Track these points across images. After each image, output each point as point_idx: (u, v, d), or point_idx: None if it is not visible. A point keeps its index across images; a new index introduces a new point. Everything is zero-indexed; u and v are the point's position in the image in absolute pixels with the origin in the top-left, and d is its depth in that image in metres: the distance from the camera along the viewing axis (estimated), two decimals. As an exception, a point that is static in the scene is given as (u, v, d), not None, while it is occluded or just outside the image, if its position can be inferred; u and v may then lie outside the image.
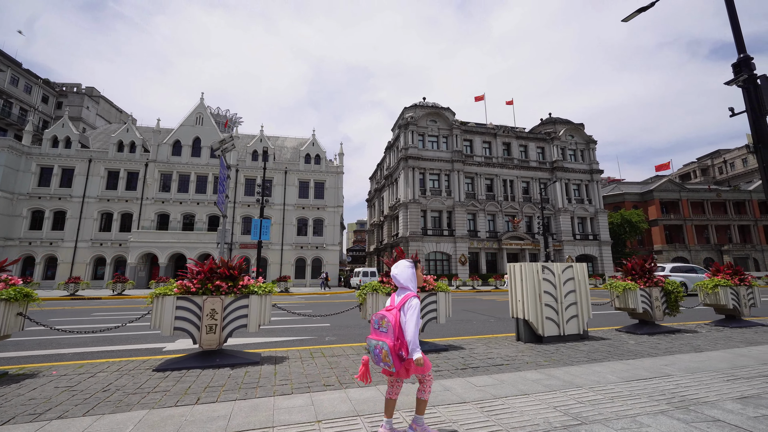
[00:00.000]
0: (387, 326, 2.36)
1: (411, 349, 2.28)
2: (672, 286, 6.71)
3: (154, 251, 32.97)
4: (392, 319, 2.35)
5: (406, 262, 2.63)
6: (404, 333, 2.33)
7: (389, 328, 2.34)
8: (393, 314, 2.38)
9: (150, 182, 35.87)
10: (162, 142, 36.87)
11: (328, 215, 40.24)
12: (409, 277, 2.55)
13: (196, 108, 38.92)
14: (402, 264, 2.61)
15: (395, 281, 2.57)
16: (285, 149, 45.17)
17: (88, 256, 33.25)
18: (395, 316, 2.37)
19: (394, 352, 2.30)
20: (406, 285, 2.52)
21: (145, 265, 34.35)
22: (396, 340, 2.31)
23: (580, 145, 47.42)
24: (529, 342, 5.63)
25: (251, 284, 4.83)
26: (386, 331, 2.35)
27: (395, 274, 2.57)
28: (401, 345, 2.32)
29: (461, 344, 5.64)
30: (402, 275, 2.54)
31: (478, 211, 42.14)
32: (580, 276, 6.06)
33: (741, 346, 5.34)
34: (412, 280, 2.55)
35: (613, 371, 4.03)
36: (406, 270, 2.57)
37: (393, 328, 2.33)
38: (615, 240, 46.33)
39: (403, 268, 2.58)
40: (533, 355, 4.81)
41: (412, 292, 2.50)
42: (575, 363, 4.41)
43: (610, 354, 4.90)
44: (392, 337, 2.32)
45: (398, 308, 2.41)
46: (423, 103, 45.32)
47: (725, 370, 4.06)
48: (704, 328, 7.20)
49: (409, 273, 2.56)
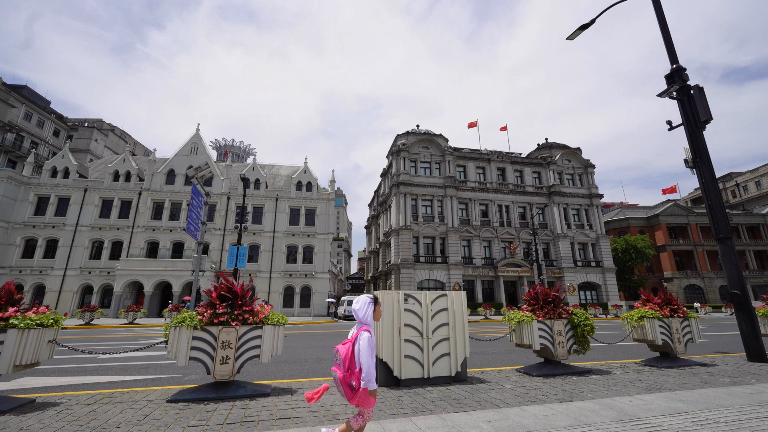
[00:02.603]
0: (339, 359, 2.55)
1: (365, 381, 2.42)
2: (579, 318, 5.82)
3: (140, 279, 32.87)
4: (343, 352, 2.53)
5: (367, 298, 2.71)
6: (360, 365, 2.45)
7: (341, 361, 2.53)
8: (346, 347, 2.55)
9: (142, 210, 36.45)
10: (156, 171, 37.80)
11: (318, 242, 39.82)
12: (368, 314, 2.64)
13: (192, 138, 40.11)
14: (362, 299, 2.69)
15: (354, 314, 2.67)
16: (279, 177, 45.71)
17: (76, 284, 33.38)
18: (347, 349, 2.53)
19: (344, 382, 2.48)
20: (364, 320, 2.63)
21: (131, 294, 34.20)
22: (346, 371, 2.49)
23: (577, 169, 46.47)
24: (384, 386, 4.81)
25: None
26: (339, 364, 2.55)
27: (355, 309, 2.66)
28: (351, 376, 2.47)
29: (291, 388, 4.85)
30: (360, 310, 2.65)
31: (472, 237, 41.06)
32: (456, 306, 5.29)
33: (627, 395, 4.43)
34: (369, 317, 2.64)
35: (430, 427, 3.24)
36: (366, 307, 2.66)
37: (343, 361, 2.51)
38: (620, 267, 44.13)
39: (362, 304, 2.67)
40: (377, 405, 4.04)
41: (366, 326, 2.60)
42: (392, 416, 3.63)
43: (459, 403, 4.08)
44: (342, 369, 2.51)
45: (351, 341, 2.57)
46: (415, 130, 45.67)
47: (563, 427, 3.22)
48: (627, 368, 6.18)
49: (368, 310, 2.65)
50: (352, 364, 2.49)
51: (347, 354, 2.51)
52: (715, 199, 7.74)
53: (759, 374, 5.66)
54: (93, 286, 33.71)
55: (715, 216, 7.68)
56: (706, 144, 8.10)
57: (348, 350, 2.54)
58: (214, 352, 4.23)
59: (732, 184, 62.69)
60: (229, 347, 4.27)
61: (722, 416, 3.55)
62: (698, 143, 8.08)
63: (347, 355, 2.51)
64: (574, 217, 44.42)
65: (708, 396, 4.30)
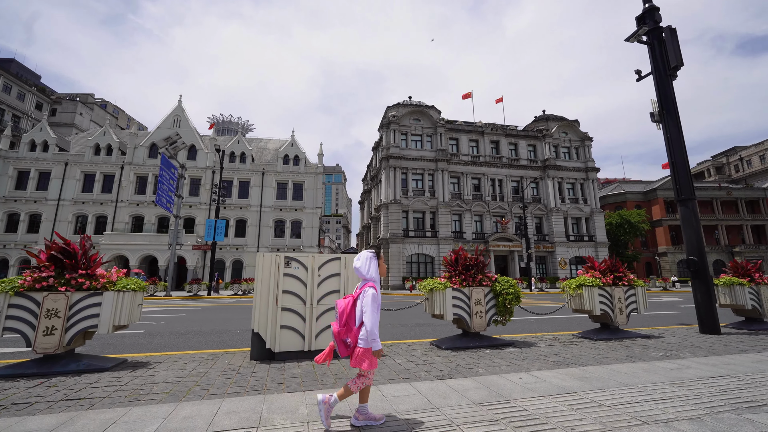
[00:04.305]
0: (337, 313, 2.44)
1: (368, 340, 2.27)
2: (502, 286, 5.15)
3: (126, 254, 32.65)
4: (341, 306, 2.42)
5: (368, 253, 2.58)
6: (363, 323, 2.31)
7: (338, 315, 2.43)
8: (345, 302, 2.43)
9: (125, 184, 35.79)
10: (138, 145, 36.84)
11: (306, 217, 39.25)
12: (372, 269, 2.50)
13: (174, 110, 38.82)
14: (363, 255, 2.55)
15: (357, 273, 2.52)
16: (267, 151, 44.61)
17: (61, 258, 33.24)
18: (347, 304, 2.41)
19: (339, 338, 2.37)
20: (368, 276, 2.48)
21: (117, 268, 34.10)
22: (342, 327, 2.37)
23: (574, 142, 44.94)
24: (257, 359, 4.22)
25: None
26: (336, 318, 2.44)
27: (356, 266, 2.51)
28: (347, 332, 2.35)
29: (150, 362, 4.26)
30: (363, 267, 2.50)
31: (464, 212, 40.30)
32: (349, 271, 4.62)
33: (526, 371, 3.82)
34: (374, 272, 2.51)
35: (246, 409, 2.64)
36: (368, 262, 2.51)
37: (340, 315, 2.40)
38: (614, 241, 43.47)
39: (364, 260, 2.52)
40: (221, 382, 3.45)
41: (370, 282, 2.45)
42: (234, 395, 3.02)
43: (320, 379, 3.48)
44: (339, 323, 2.40)
45: (354, 297, 2.44)
46: (407, 102, 43.95)
47: (406, 411, 2.60)
48: (558, 340, 5.57)
49: (372, 265, 2.51)
50: (350, 319, 2.37)
51: (345, 309, 2.39)
52: (679, 157, 6.89)
53: (701, 347, 5.04)
54: (79, 261, 33.57)
55: (678, 175, 6.86)
56: (675, 95, 7.14)
57: (347, 305, 2.41)
58: (36, 321, 3.62)
59: (736, 158, 60.85)
60: (57, 316, 3.65)
61: (613, 397, 2.91)
62: (666, 93, 7.14)
63: (345, 309, 2.39)
64: (569, 191, 43.35)
65: (618, 372, 3.68)
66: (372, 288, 2.39)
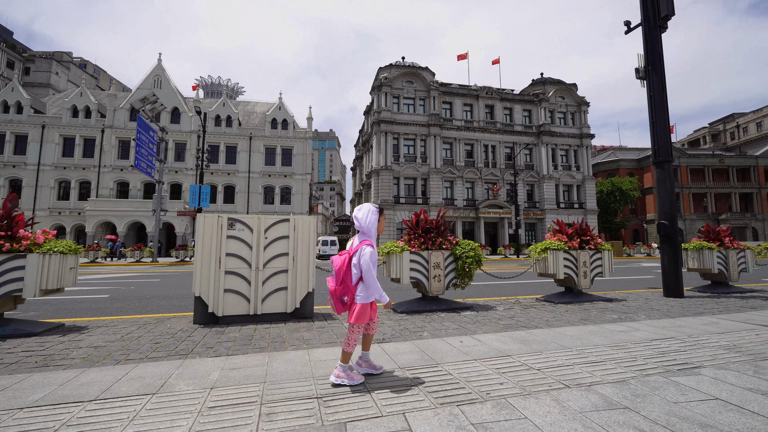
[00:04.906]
0: (333, 270, 2.36)
1: (367, 296, 2.30)
2: (463, 249, 5.00)
3: (112, 220, 32.27)
4: (337, 264, 2.33)
5: (372, 206, 2.47)
6: (361, 280, 2.32)
7: (334, 272, 2.35)
8: (341, 258, 2.35)
9: (107, 149, 34.69)
10: (118, 107, 35.29)
11: (296, 183, 38.74)
12: (371, 222, 2.42)
13: (154, 70, 36.85)
14: (366, 207, 2.44)
15: (355, 222, 2.43)
16: (254, 114, 43.10)
17: (47, 225, 32.77)
18: (343, 261, 2.33)
19: (335, 296, 2.32)
20: (366, 228, 2.41)
21: (104, 235, 33.84)
22: (338, 285, 2.31)
23: (571, 107, 43.82)
24: (200, 323, 4.09)
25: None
26: (332, 275, 2.37)
27: (357, 215, 2.43)
28: (344, 290, 2.30)
29: (89, 326, 4.14)
30: (363, 218, 2.41)
31: (455, 179, 39.91)
32: (302, 234, 4.41)
33: (471, 334, 3.75)
34: (372, 226, 2.42)
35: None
36: (369, 214, 2.43)
37: (336, 272, 2.32)
38: (604, 209, 43.71)
39: (366, 211, 2.43)
40: (149, 347, 3.33)
41: (367, 239, 2.38)
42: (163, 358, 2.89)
43: (254, 343, 3.36)
44: (335, 281, 2.33)
45: (350, 253, 2.36)
46: (399, 63, 42.07)
47: (316, 377, 2.48)
48: (520, 304, 5.53)
49: (372, 218, 2.43)
50: (347, 277, 2.31)
51: (342, 267, 2.32)
52: (660, 117, 6.56)
53: (659, 310, 5.01)
54: (65, 227, 33.21)
55: (657, 135, 6.56)
56: (663, 49, 6.67)
57: (344, 262, 2.33)
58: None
59: (733, 125, 60.12)
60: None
61: (546, 360, 2.82)
62: (654, 47, 6.67)
63: (342, 267, 2.31)
64: (562, 158, 42.88)
65: (563, 335, 3.60)
66: (369, 246, 2.33)
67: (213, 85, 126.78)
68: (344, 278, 2.30)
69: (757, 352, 3.03)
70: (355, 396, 2.14)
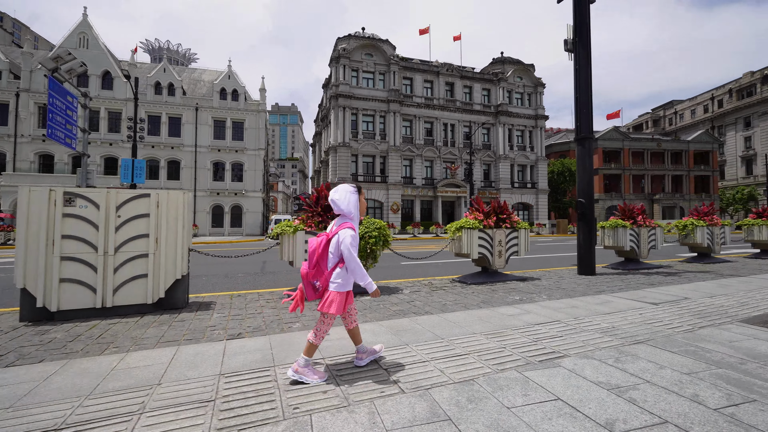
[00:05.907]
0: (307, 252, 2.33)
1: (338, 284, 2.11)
2: (366, 228, 4.59)
3: (34, 197, 28.82)
4: (313, 245, 2.15)
5: (349, 186, 2.28)
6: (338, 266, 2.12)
7: (307, 255, 2.21)
8: (318, 240, 2.16)
9: (24, 116, 30.57)
10: (35, 69, 30.94)
11: (248, 159, 36.64)
12: (352, 203, 2.22)
13: (78, 26, 32.49)
14: (342, 188, 2.24)
15: (334, 207, 2.23)
16: (201, 83, 39.76)
17: (-48, 201, 28.79)
18: (319, 243, 2.14)
19: (306, 280, 2.12)
20: (347, 211, 2.19)
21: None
22: (312, 268, 2.12)
23: (528, 88, 44.54)
24: (28, 320, 3.39)
25: None
26: (306, 258, 2.32)
27: (334, 198, 2.21)
28: (317, 274, 2.11)
29: None
30: (343, 201, 2.20)
31: (414, 157, 39.65)
32: (167, 212, 3.76)
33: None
34: (354, 207, 2.23)
35: None
36: (349, 195, 2.22)
37: (311, 255, 2.14)
38: (554, 188, 45.71)
39: (344, 193, 2.22)
40: None
41: (348, 222, 2.18)
42: None
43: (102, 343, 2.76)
44: (309, 264, 2.14)
45: (328, 237, 2.16)
46: (359, 34, 40.20)
47: None
48: (432, 285, 5.30)
49: (352, 199, 2.23)
50: (321, 261, 2.11)
51: (317, 249, 2.11)
52: (584, 92, 6.41)
53: (564, 289, 4.96)
54: (-23, 204, 29.31)
55: (580, 112, 6.43)
56: (590, 20, 6.45)
57: (320, 244, 2.12)
58: None
59: (671, 111, 64.46)
60: None
61: (408, 355, 2.49)
62: (582, 17, 6.42)
63: (317, 249, 2.11)
64: (518, 138, 43.88)
65: (447, 321, 3.33)
66: (351, 229, 2.14)
67: (160, 50, 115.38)
68: (318, 261, 2.10)
69: (631, 334, 2.91)
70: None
